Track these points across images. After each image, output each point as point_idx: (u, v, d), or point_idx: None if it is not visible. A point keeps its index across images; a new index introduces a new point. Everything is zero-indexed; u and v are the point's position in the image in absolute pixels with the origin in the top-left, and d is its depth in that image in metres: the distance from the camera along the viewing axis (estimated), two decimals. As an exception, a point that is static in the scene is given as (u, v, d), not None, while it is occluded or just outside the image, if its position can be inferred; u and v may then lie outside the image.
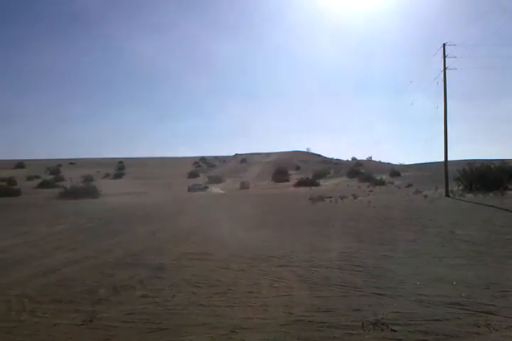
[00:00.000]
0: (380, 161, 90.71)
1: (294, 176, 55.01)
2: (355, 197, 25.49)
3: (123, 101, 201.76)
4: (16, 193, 36.23)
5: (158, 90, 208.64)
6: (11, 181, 48.29)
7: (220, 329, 5.15)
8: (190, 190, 37.54)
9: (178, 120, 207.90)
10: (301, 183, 45.30)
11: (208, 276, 7.94)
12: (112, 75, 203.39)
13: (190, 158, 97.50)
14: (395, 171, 56.01)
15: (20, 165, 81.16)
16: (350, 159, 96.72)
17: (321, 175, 57.61)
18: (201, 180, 45.57)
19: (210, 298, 6.56)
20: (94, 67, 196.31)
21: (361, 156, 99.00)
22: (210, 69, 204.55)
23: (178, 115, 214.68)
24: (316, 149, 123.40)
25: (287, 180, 49.73)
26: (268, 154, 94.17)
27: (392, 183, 41.57)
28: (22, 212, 21.71)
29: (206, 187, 38.66)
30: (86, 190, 33.02)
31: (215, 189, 37.81)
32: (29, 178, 55.71)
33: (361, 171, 59.26)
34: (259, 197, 26.78)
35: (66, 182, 37.83)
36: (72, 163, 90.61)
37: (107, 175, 61.62)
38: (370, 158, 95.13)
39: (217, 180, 50.95)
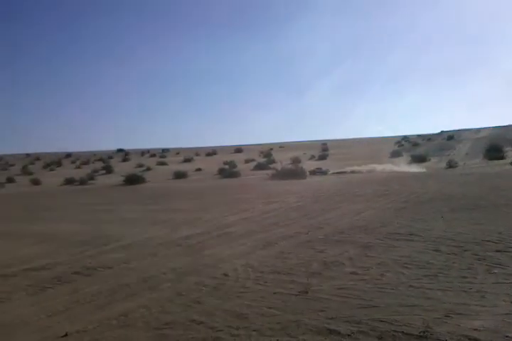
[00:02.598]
0: None
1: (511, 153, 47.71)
2: None
3: (323, 87, 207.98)
4: (236, 175, 40.90)
5: (355, 72, 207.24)
6: (231, 164, 54.60)
7: (433, 312, 5.06)
8: (311, 174, 36.33)
9: (379, 100, 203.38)
10: (521, 160, 39.08)
11: (417, 258, 7.78)
12: (311, 62, 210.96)
13: (393, 137, 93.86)
14: None
15: (238, 150, 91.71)
16: None
17: (549, 150, 48.56)
18: (404, 159, 43.46)
19: (420, 280, 6.46)
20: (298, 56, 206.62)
21: None
22: (399, 44, 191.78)
23: (377, 95, 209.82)
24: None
25: (502, 158, 43.32)
26: (479, 130, 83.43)
27: None
28: (241, 192, 24.46)
29: (326, 172, 36.61)
30: (294, 171, 35.29)
31: (415, 168, 35.57)
32: (247, 161, 61.82)
33: None
34: (467, 177, 24.24)
35: (277, 165, 40.78)
36: (281, 146, 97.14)
37: (312, 157, 64.08)
38: None
39: (420, 159, 47.98)
